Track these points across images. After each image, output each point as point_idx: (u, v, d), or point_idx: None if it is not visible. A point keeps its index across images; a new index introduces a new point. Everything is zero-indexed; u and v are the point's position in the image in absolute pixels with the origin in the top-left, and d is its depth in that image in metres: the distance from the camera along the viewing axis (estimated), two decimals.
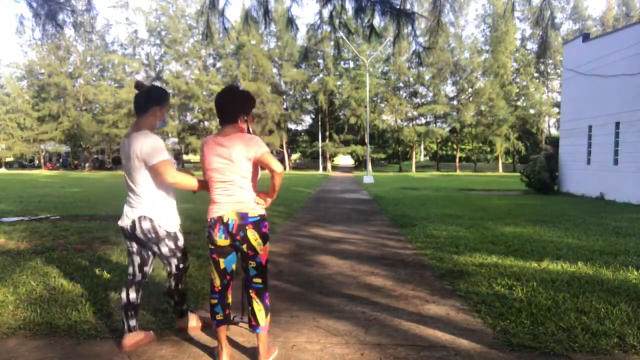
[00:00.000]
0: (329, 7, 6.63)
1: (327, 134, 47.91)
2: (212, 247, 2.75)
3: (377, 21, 6.51)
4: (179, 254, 3.02)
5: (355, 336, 3.20)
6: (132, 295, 2.97)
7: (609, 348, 2.95)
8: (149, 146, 2.75)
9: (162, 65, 49.46)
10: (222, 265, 2.75)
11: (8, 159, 53.12)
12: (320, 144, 45.70)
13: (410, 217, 9.38)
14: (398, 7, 6.19)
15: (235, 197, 2.68)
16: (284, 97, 49.58)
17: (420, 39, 6.78)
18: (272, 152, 2.90)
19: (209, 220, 2.74)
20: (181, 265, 3.06)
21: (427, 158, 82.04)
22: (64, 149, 51.46)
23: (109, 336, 3.13)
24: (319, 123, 47.02)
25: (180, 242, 3.03)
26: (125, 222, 2.92)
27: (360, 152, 47.15)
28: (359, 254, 5.99)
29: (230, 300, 2.86)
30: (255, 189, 2.77)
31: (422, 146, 75.34)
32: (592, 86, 14.83)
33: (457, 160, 49.75)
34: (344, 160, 76.92)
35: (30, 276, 4.45)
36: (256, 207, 2.72)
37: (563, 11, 45.28)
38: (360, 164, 54.91)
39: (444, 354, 2.91)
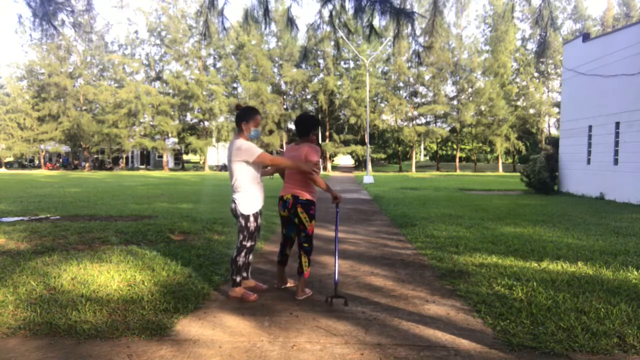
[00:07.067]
0: (329, 7, 6.62)
1: (327, 134, 47.89)
2: (280, 217, 4.20)
3: (377, 21, 6.51)
4: (245, 232, 3.98)
5: (355, 336, 3.20)
6: (234, 255, 4.00)
7: (609, 348, 2.95)
8: (245, 148, 3.89)
9: (162, 65, 49.43)
10: (284, 231, 4.24)
11: (8, 159, 53.09)
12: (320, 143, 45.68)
13: (410, 217, 9.38)
14: (398, 6, 6.18)
15: (295, 184, 4.01)
16: (284, 97, 49.54)
17: (420, 39, 6.77)
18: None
19: (279, 197, 4.08)
20: (244, 243, 3.99)
21: (427, 158, 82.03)
22: (64, 149, 51.39)
23: (109, 336, 3.13)
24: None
25: (250, 224, 3.99)
26: (231, 206, 4.11)
27: (360, 152, 47.11)
28: (359, 254, 5.99)
29: (288, 253, 4.28)
30: (319, 182, 4.04)
31: (422, 146, 75.36)
32: (592, 86, 14.83)
33: (457, 160, 49.69)
34: (344, 160, 76.90)
35: (30, 276, 4.44)
36: (305, 193, 3.96)
37: (563, 11, 45.24)
38: (360, 163, 54.87)
39: (444, 354, 2.91)
